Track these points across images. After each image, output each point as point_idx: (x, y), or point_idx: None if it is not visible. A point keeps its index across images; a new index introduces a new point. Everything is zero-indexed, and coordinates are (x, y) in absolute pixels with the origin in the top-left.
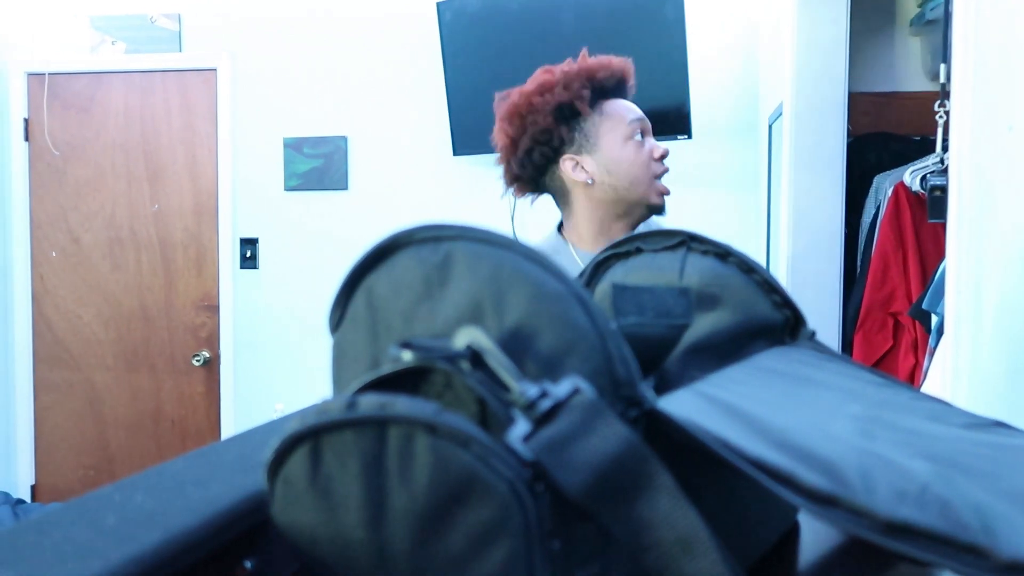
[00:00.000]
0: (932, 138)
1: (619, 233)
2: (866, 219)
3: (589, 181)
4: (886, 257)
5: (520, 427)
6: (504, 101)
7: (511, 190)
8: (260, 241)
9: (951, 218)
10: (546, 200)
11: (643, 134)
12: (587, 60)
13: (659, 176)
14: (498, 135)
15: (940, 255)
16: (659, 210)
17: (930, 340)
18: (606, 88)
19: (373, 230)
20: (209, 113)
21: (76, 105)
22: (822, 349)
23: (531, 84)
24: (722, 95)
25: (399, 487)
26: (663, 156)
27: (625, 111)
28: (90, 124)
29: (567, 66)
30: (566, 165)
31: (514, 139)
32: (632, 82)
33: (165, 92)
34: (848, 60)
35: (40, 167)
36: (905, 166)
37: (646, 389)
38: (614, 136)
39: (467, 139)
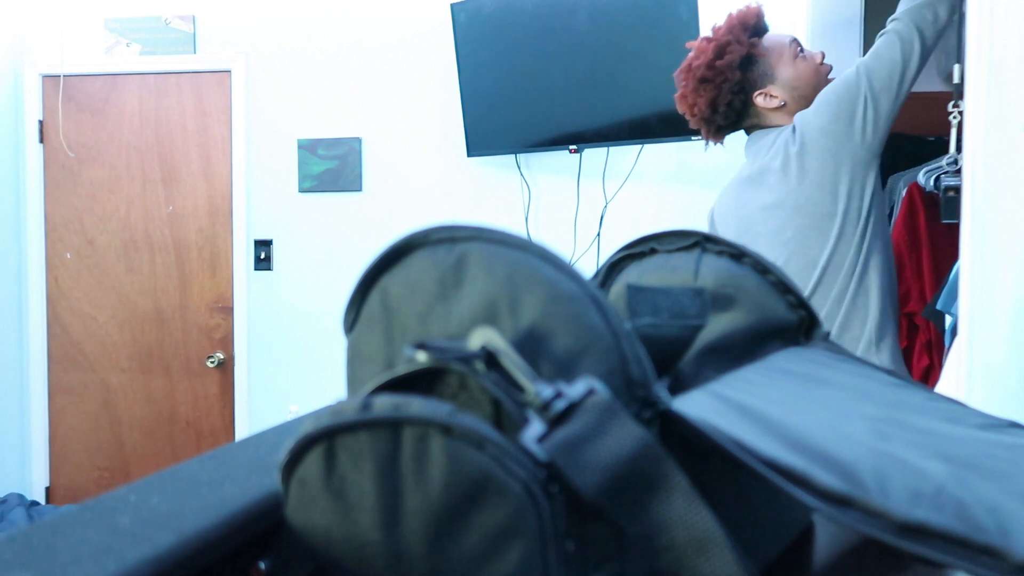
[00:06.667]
0: (946, 138)
1: None
2: None
3: (782, 103)
4: (900, 257)
5: (535, 428)
6: (685, 75)
7: (710, 142)
8: (274, 242)
9: (965, 219)
10: (563, 205)
11: (801, 48)
12: (732, 17)
13: (828, 74)
14: (693, 103)
15: (954, 256)
16: None
17: (944, 340)
18: (758, 29)
19: (387, 231)
20: (223, 115)
21: (90, 107)
22: (836, 350)
23: (702, 55)
24: None
25: (414, 488)
26: (823, 58)
27: (781, 39)
28: (104, 126)
29: (722, 29)
30: (759, 100)
31: (712, 100)
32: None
33: (179, 94)
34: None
35: (55, 169)
36: (919, 166)
37: (661, 390)
38: (784, 61)
39: (481, 140)
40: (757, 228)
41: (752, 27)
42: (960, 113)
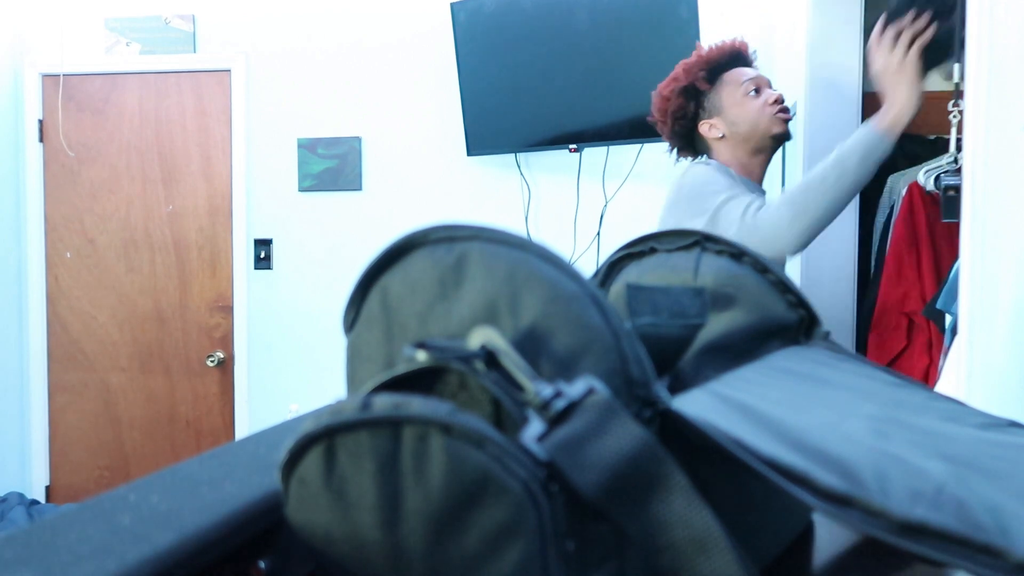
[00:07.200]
0: (946, 138)
1: (757, 167)
2: (880, 219)
3: (721, 135)
4: (900, 257)
5: (534, 427)
6: (653, 96)
7: (679, 157)
8: (274, 242)
9: (965, 218)
10: (563, 205)
11: (758, 88)
12: (702, 49)
13: (777, 114)
14: (656, 123)
15: (954, 255)
16: (784, 137)
17: (944, 340)
18: (721, 64)
19: (387, 231)
20: (223, 114)
21: (91, 106)
22: (837, 349)
23: (666, 80)
24: None
25: (414, 487)
26: (776, 100)
27: (739, 76)
28: (104, 125)
29: (691, 57)
30: (703, 128)
31: (662, 122)
32: (749, 52)
33: (179, 93)
34: (863, 59)
35: (55, 168)
36: (919, 166)
37: (660, 389)
38: (734, 97)
39: (481, 139)
40: None
41: (713, 62)
42: (960, 112)
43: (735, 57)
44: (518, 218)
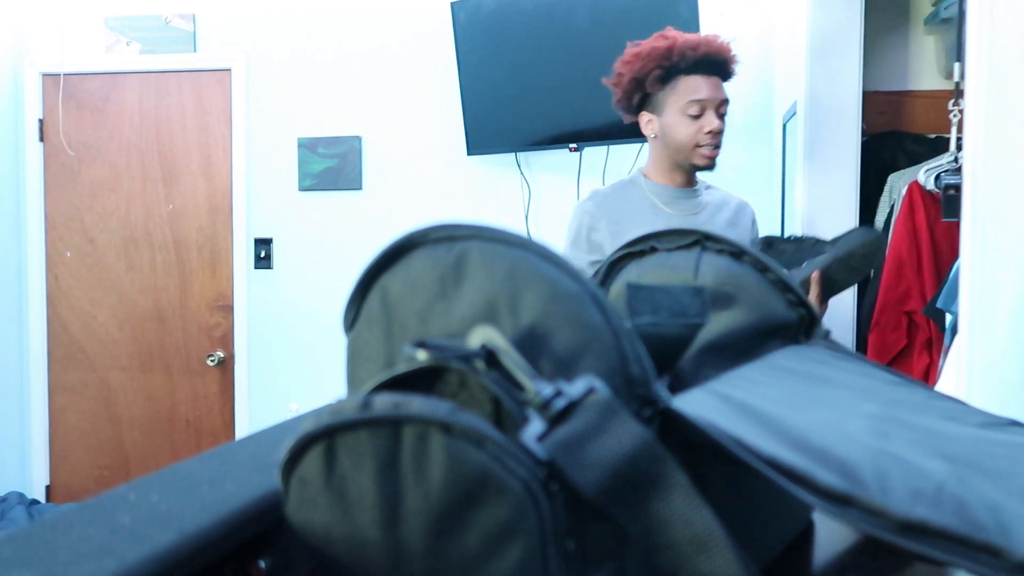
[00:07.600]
0: (946, 137)
1: (680, 176)
2: (880, 218)
3: (653, 136)
4: (900, 256)
5: (535, 426)
6: (621, 57)
7: (626, 122)
8: (274, 241)
9: (965, 217)
10: (563, 204)
11: (702, 111)
12: (677, 39)
13: (702, 146)
14: (612, 84)
15: (954, 254)
16: (703, 169)
17: (945, 339)
18: (681, 66)
19: (387, 230)
20: (223, 113)
21: (91, 105)
22: (837, 348)
23: (636, 49)
24: (736, 94)
25: (414, 487)
26: (712, 131)
27: (691, 90)
28: (105, 124)
29: (656, 40)
30: (642, 120)
31: (615, 85)
32: (725, 59)
33: (180, 93)
34: (863, 59)
35: (55, 167)
36: (919, 165)
37: (661, 388)
38: (675, 108)
39: (481, 139)
40: None
41: (672, 61)
42: (960, 111)
43: (702, 63)
44: (518, 218)
